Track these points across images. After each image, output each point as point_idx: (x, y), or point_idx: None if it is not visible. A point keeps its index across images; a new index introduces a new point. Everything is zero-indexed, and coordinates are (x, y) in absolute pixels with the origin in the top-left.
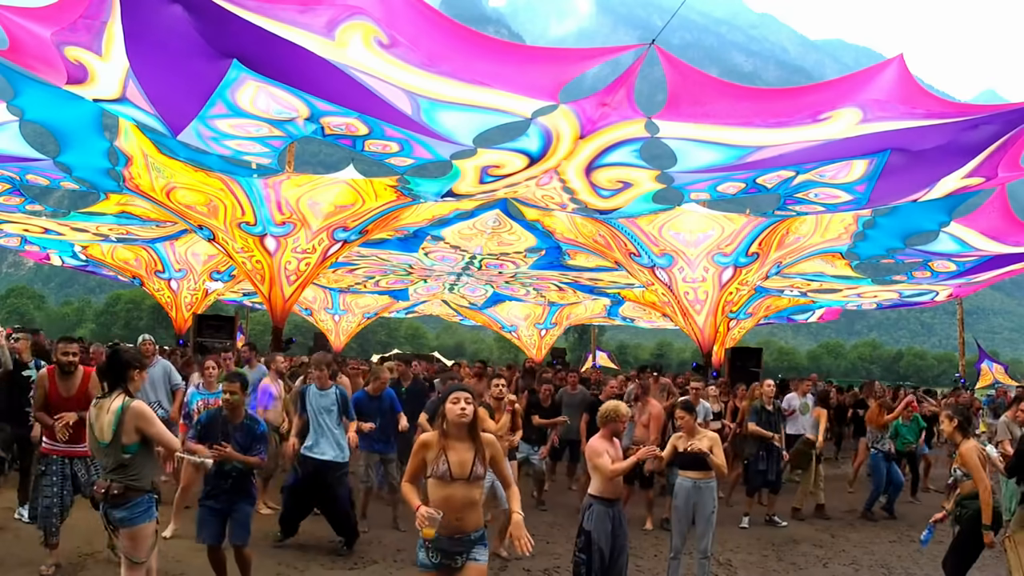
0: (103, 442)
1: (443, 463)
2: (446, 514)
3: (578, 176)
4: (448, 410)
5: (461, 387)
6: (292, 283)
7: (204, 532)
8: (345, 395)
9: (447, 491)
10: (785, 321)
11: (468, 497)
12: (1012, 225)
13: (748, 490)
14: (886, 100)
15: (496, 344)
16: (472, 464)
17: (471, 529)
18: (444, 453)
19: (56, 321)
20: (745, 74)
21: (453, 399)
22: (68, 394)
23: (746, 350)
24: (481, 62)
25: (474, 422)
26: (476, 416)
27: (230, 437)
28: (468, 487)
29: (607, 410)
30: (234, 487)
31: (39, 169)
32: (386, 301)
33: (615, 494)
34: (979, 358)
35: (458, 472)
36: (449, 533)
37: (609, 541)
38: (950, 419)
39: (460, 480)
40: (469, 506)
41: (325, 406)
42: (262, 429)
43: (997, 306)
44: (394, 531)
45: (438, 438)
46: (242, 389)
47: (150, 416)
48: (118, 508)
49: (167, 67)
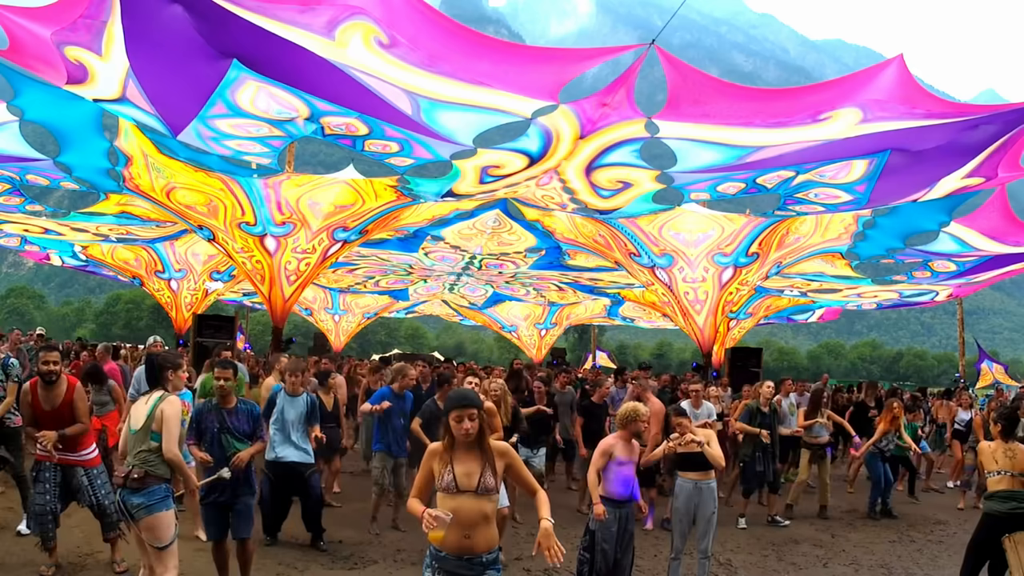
0: (134, 429)
1: (448, 474)
2: (454, 529)
3: (578, 176)
4: (453, 429)
5: (463, 400)
6: (292, 283)
7: (212, 529)
8: (315, 403)
9: (454, 504)
10: (785, 321)
11: (478, 511)
12: (1012, 225)
13: (744, 491)
14: (886, 100)
15: (496, 344)
16: (480, 475)
17: (482, 549)
18: (451, 464)
19: (56, 321)
20: (745, 74)
21: (456, 418)
22: (52, 406)
23: (746, 350)
24: (481, 62)
25: (481, 433)
26: (483, 428)
27: (225, 424)
28: (477, 500)
29: (626, 412)
30: (234, 478)
31: (39, 169)
32: (386, 301)
33: (623, 495)
34: (979, 358)
35: (465, 483)
36: (458, 552)
37: (613, 541)
38: (995, 423)
39: (468, 492)
40: (479, 522)
41: (295, 412)
42: (257, 410)
43: (997, 306)
44: (394, 531)
45: (445, 448)
46: (234, 376)
47: (172, 414)
48: (136, 494)
49: (167, 67)
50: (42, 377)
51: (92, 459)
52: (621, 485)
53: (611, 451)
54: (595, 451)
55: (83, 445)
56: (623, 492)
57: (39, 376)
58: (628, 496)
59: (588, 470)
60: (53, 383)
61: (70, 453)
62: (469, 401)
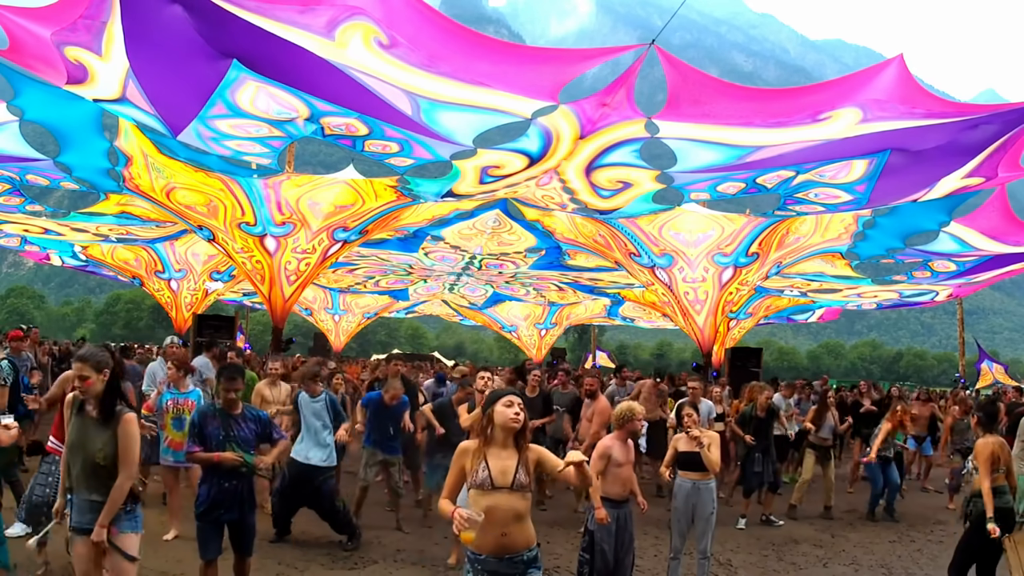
0: None
1: (483, 470)
2: (490, 528)
3: (578, 176)
4: (499, 413)
5: (511, 391)
6: (292, 283)
7: (211, 547)
8: (334, 400)
9: (489, 501)
10: (785, 321)
11: (513, 509)
12: (1012, 225)
13: (744, 491)
14: (886, 100)
15: (496, 344)
16: (515, 471)
17: (521, 547)
18: (485, 460)
19: (56, 321)
20: (745, 74)
21: (506, 402)
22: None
23: (746, 350)
24: (481, 62)
25: (523, 429)
26: (526, 423)
27: (232, 430)
28: (512, 497)
29: (622, 411)
30: (241, 493)
31: (39, 169)
32: (386, 301)
33: (620, 495)
34: (979, 358)
35: (500, 480)
36: (496, 552)
37: (612, 541)
38: (974, 415)
39: (503, 489)
40: (515, 520)
41: (315, 411)
42: (265, 415)
43: (997, 306)
44: (394, 531)
45: (479, 445)
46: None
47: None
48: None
49: (167, 67)
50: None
51: None
52: (617, 484)
53: (609, 453)
54: (593, 454)
55: None
56: (619, 492)
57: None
58: (627, 497)
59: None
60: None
61: None
62: (512, 391)
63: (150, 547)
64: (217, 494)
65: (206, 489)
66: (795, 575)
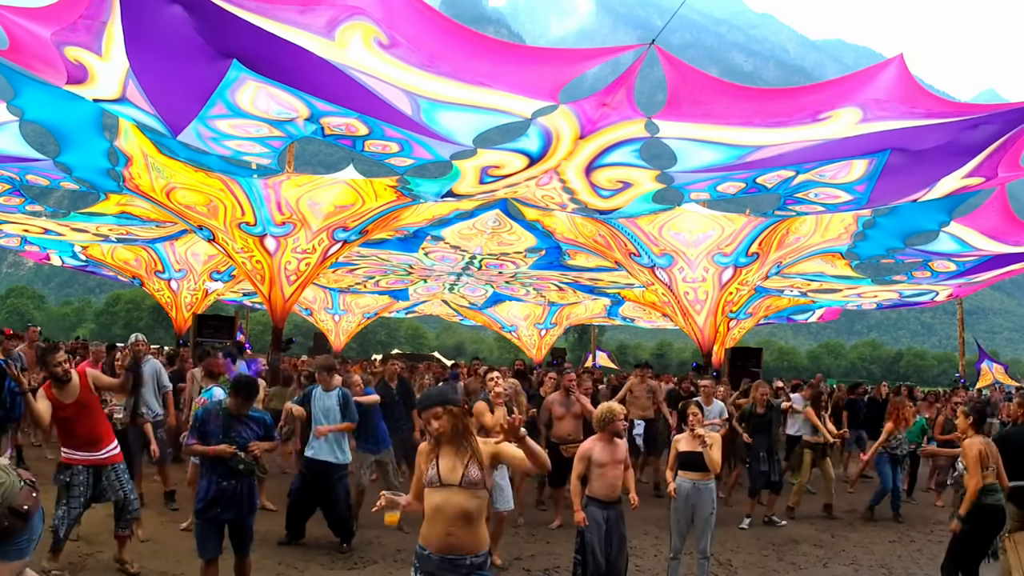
0: None
1: (432, 468)
2: (437, 525)
3: (578, 176)
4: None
5: (427, 401)
6: (292, 283)
7: (210, 546)
8: (348, 396)
9: (437, 498)
10: (785, 321)
11: (460, 507)
12: (1012, 225)
13: (751, 491)
14: (886, 100)
15: (496, 344)
16: (465, 468)
17: (468, 551)
18: (435, 459)
19: (56, 321)
20: (745, 74)
21: (424, 420)
22: (72, 399)
23: (746, 350)
24: (481, 62)
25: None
26: (464, 424)
27: (231, 433)
28: (461, 495)
29: (602, 413)
30: (240, 494)
31: (39, 169)
32: (386, 301)
33: (609, 496)
34: (979, 358)
35: (448, 477)
36: (440, 550)
37: (603, 541)
38: (965, 416)
39: (452, 486)
40: (463, 519)
41: (325, 409)
42: (270, 419)
43: (997, 306)
44: (394, 532)
45: (431, 445)
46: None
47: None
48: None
49: (167, 67)
50: (56, 379)
51: (117, 455)
52: (606, 485)
53: (589, 455)
54: (575, 457)
55: (106, 443)
56: (607, 493)
57: (52, 379)
58: (616, 498)
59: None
60: (68, 381)
61: (96, 452)
62: (432, 402)
63: (150, 547)
64: (215, 492)
65: (204, 486)
66: (795, 575)
